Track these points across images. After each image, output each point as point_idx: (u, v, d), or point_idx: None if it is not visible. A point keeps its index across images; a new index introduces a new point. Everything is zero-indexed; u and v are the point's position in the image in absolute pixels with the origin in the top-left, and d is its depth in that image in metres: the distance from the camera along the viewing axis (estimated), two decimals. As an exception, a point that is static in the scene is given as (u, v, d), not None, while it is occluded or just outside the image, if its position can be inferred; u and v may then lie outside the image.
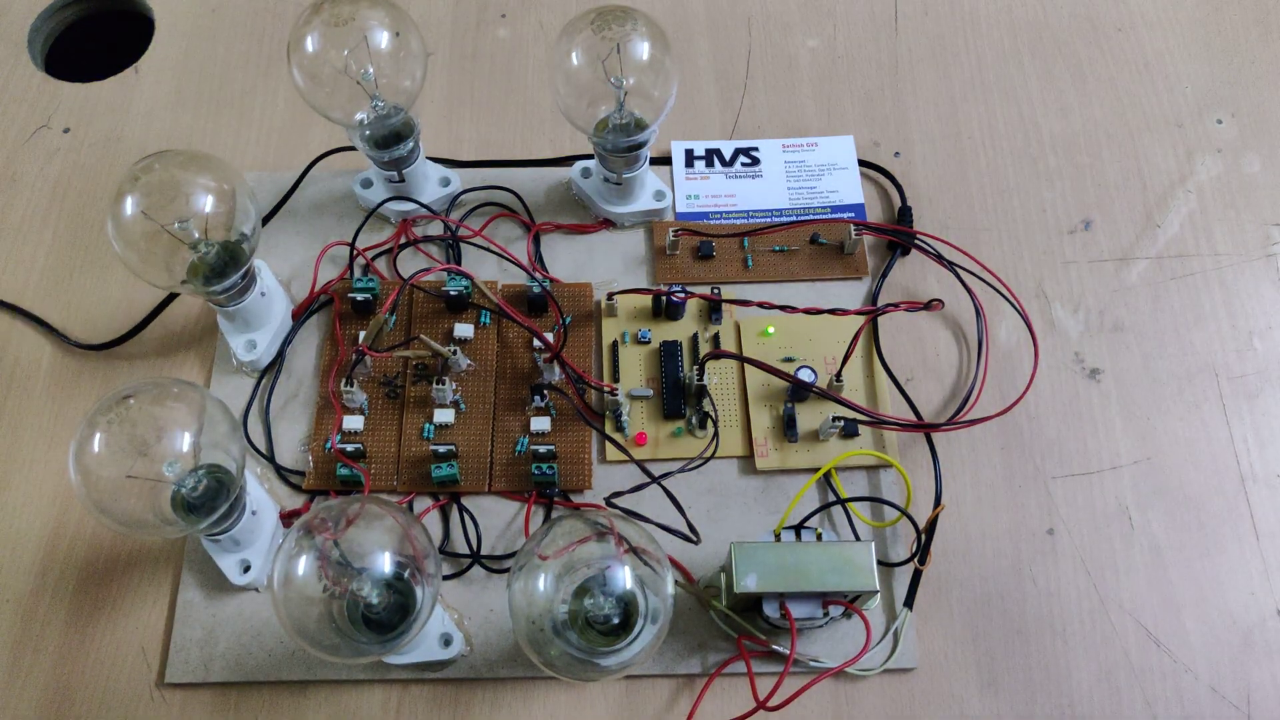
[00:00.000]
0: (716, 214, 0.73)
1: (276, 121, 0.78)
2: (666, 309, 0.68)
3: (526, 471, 0.63)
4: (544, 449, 0.62)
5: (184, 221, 0.59)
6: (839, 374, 0.64)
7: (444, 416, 0.64)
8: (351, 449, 0.63)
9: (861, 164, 0.75)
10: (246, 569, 0.60)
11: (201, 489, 0.55)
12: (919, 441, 0.64)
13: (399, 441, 0.64)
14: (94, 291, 0.71)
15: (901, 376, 0.67)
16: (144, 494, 0.53)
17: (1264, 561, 0.61)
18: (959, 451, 0.64)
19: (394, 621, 0.51)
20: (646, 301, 0.68)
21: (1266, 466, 0.64)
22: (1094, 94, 0.78)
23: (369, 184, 0.72)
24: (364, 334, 0.66)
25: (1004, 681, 0.59)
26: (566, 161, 0.74)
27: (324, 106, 0.65)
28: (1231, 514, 0.63)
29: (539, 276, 0.69)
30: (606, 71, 0.63)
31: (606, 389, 0.64)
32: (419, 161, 0.69)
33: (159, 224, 0.58)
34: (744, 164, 0.75)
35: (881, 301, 0.69)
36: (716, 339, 0.68)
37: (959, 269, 0.69)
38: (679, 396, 0.65)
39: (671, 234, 0.70)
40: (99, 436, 0.52)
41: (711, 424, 0.64)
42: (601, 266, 0.71)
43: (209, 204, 0.59)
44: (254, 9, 0.83)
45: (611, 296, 0.68)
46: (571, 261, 0.71)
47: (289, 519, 0.62)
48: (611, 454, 0.64)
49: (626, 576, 0.50)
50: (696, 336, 0.68)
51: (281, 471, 0.64)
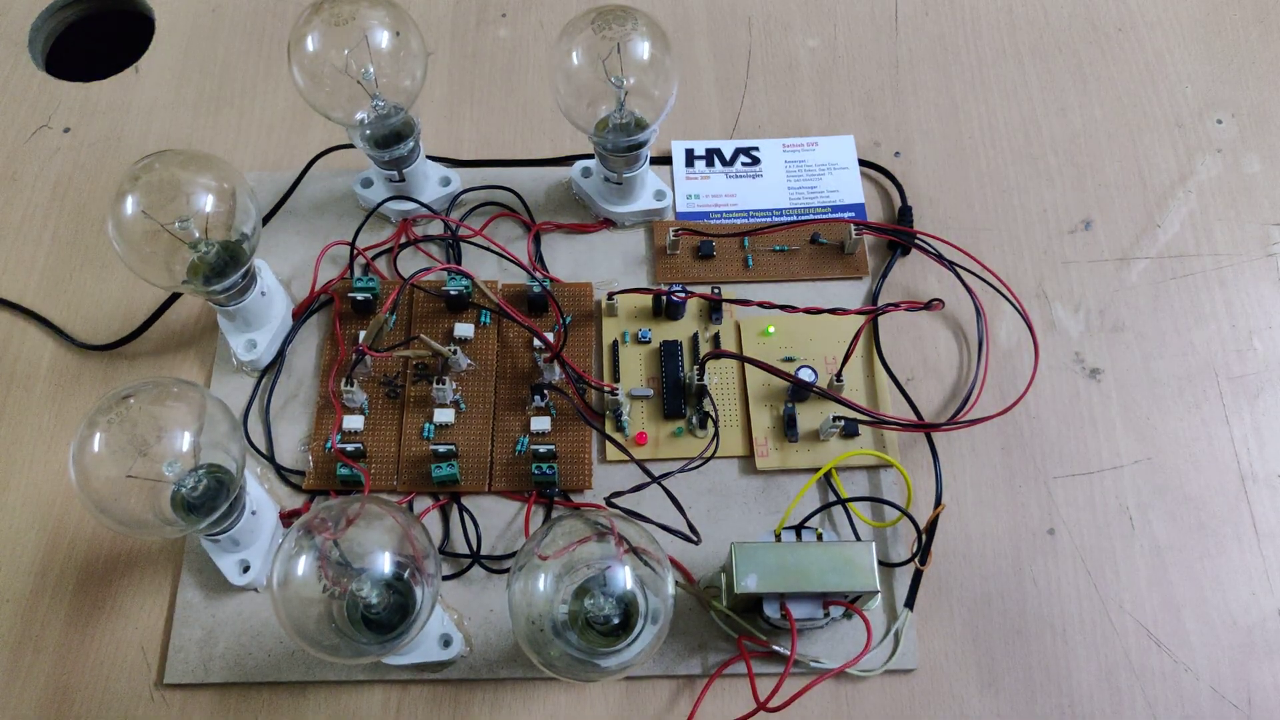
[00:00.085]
0: (717, 214, 0.73)
1: (276, 121, 0.78)
2: (667, 309, 0.68)
3: (526, 471, 0.63)
4: (544, 449, 0.62)
5: (184, 221, 0.59)
6: (839, 374, 0.64)
7: (444, 416, 0.64)
8: (351, 449, 0.63)
9: (862, 164, 0.75)
10: (246, 569, 0.60)
11: (201, 489, 0.55)
12: (919, 441, 0.64)
13: (399, 441, 0.64)
14: (94, 291, 0.71)
15: (902, 376, 0.67)
16: (144, 494, 0.53)
17: (1264, 561, 0.61)
18: (959, 451, 0.64)
19: (394, 622, 0.51)
20: (647, 301, 0.68)
21: (1267, 466, 0.64)
22: (1094, 94, 0.78)
23: (369, 183, 0.72)
24: (364, 334, 0.66)
25: (1004, 682, 0.59)
26: (567, 161, 0.74)
27: (324, 106, 0.65)
28: (1232, 514, 0.63)
29: (539, 276, 0.69)
30: (607, 71, 0.63)
31: (607, 389, 0.64)
32: (419, 161, 0.69)
33: (159, 223, 0.58)
34: (744, 164, 0.75)
35: (882, 301, 0.69)
36: (717, 339, 0.68)
37: (959, 269, 0.69)
38: (679, 396, 0.65)
39: (672, 234, 0.70)
40: (99, 436, 0.52)
41: (712, 424, 0.64)
42: (602, 266, 0.71)
43: (209, 203, 0.59)
44: (254, 9, 0.83)
45: (612, 296, 0.68)
46: (572, 261, 0.71)
47: (289, 519, 0.62)
48: (612, 454, 0.64)
49: (627, 577, 0.50)
50: (697, 336, 0.68)
51: (281, 471, 0.64)
